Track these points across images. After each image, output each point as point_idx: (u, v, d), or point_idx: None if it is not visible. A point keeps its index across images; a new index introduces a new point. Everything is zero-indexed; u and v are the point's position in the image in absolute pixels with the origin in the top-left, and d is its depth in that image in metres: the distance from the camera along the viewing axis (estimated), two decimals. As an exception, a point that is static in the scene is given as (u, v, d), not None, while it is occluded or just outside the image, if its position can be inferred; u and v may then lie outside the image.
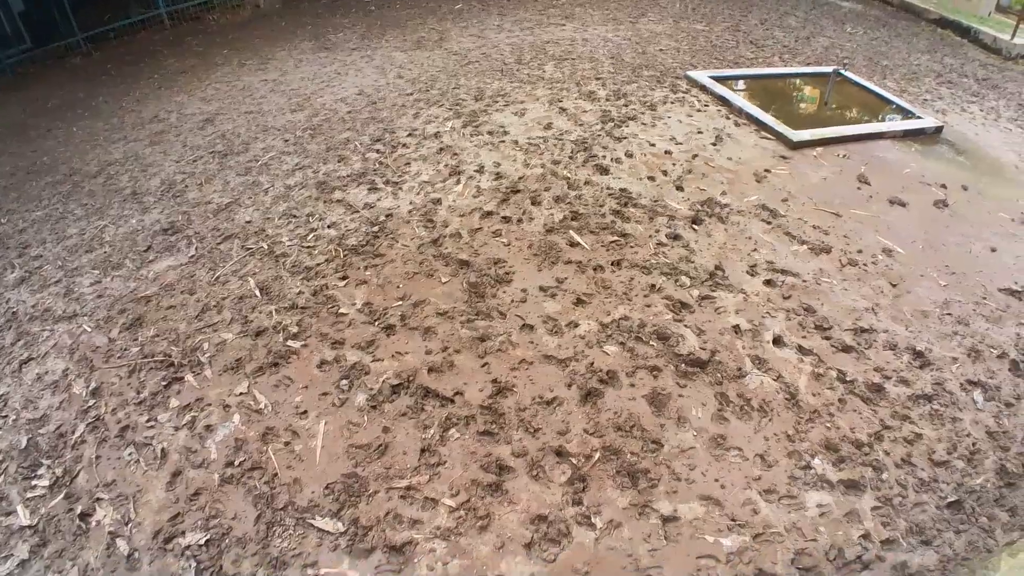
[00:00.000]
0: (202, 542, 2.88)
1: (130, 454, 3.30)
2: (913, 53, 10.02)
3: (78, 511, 3.09)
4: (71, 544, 2.99)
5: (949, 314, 4.13)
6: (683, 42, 9.06)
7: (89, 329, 4.16)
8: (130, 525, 3.01)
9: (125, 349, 3.93)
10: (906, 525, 2.96)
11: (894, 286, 4.35)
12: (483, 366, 3.48)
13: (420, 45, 9.04)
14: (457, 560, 2.76)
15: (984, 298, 4.30)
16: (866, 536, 2.88)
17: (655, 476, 3.02)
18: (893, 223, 5.06)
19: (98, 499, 3.14)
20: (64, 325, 4.27)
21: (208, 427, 3.35)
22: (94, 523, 3.05)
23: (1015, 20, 11.67)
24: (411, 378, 3.41)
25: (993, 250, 4.83)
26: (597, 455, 3.09)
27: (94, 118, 7.65)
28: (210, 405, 3.45)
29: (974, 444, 3.30)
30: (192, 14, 11.36)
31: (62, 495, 3.20)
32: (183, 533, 2.93)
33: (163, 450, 3.27)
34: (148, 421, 3.43)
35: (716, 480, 3.05)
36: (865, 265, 4.51)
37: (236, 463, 3.16)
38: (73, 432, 3.48)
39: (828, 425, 3.33)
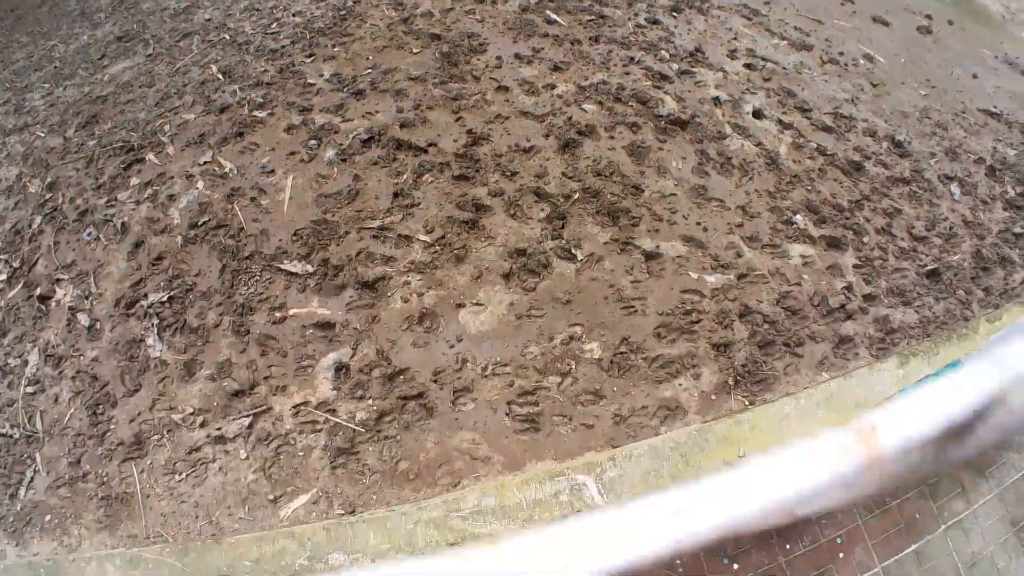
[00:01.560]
0: (164, 299, 2.80)
1: (89, 233, 3.17)
2: None
3: (37, 295, 3.02)
4: (31, 328, 2.94)
5: (929, 118, 4.07)
6: None
7: (43, 135, 3.98)
8: (91, 299, 2.93)
9: (81, 144, 3.74)
10: (887, 285, 2.95)
11: (874, 86, 4.26)
12: (457, 120, 3.34)
13: None
14: (433, 291, 2.70)
15: (963, 112, 4.25)
16: (849, 288, 2.87)
17: (636, 216, 2.96)
18: (875, 37, 4.93)
19: (57, 280, 3.06)
20: (16, 136, 4.09)
21: (171, 196, 3.20)
22: (53, 304, 2.99)
23: None
24: (382, 132, 3.26)
25: (975, 76, 4.76)
26: (576, 195, 3.01)
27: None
28: (173, 178, 3.29)
29: (951, 228, 3.29)
30: None
31: (20, 285, 3.12)
32: (145, 296, 2.84)
33: (123, 224, 3.14)
34: (108, 202, 3.29)
35: (698, 224, 3.00)
36: (846, 65, 4.40)
37: (200, 224, 3.03)
38: (30, 226, 3.35)
39: (809, 189, 3.28)
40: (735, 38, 4.31)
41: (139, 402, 2.59)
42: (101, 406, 2.62)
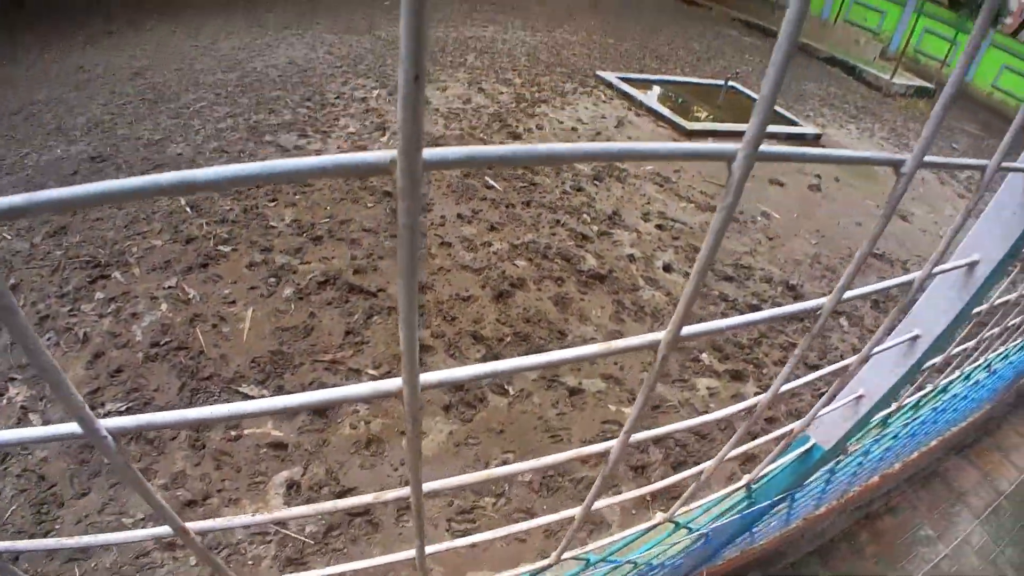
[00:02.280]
0: (121, 409, 3.00)
1: (49, 338, 3.36)
2: (803, 81, 11.07)
3: (-12, 392, 3.12)
4: (-22, 423, 3.03)
5: (819, 263, 4.78)
6: (594, 50, 9.77)
7: (9, 237, 4.15)
8: (44, 400, 3.07)
9: (48, 252, 3.96)
10: (786, 408, 3.48)
11: (771, 239, 4.97)
12: (406, 269, 3.79)
13: (350, 30, 9.32)
14: (380, 419, 3.05)
15: (849, 256, 4.98)
16: (751, 412, 3.35)
17: (559, 358, 3.41)
18: (772, 197, 5.74)
19: (11, 379, 3.17)
20: (-20, 237, 4.26)
21: (135, 314, 3.46)
22: (4, 401, 3.07)
23: (894, 63, 13.15)
24: (337, 276, 3.68)
25: (859, 224, 5.59)
26: (508, 339, 3.45)
27: (13, 65, 7.49)
28: (137, 297, 3.56)
29: (841, 356, 3.88)
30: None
31: (-29, 383, 3.25)
32: (102, 404, 3.03)
33: (85, 335, 3.34)
34: (71, 311, 3.49)
35: (616, 363, 3.47)
36: (746, 223, 5.13)
37: (162, 343, 3.29)
38: (-14, 324, 3.52)
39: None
40: (648, 202, 5.01)
41: (88, 504, 2.69)
42: (47, 505, 2.70)
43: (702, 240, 3.53)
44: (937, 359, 1.19)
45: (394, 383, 0.41)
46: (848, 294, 0.67)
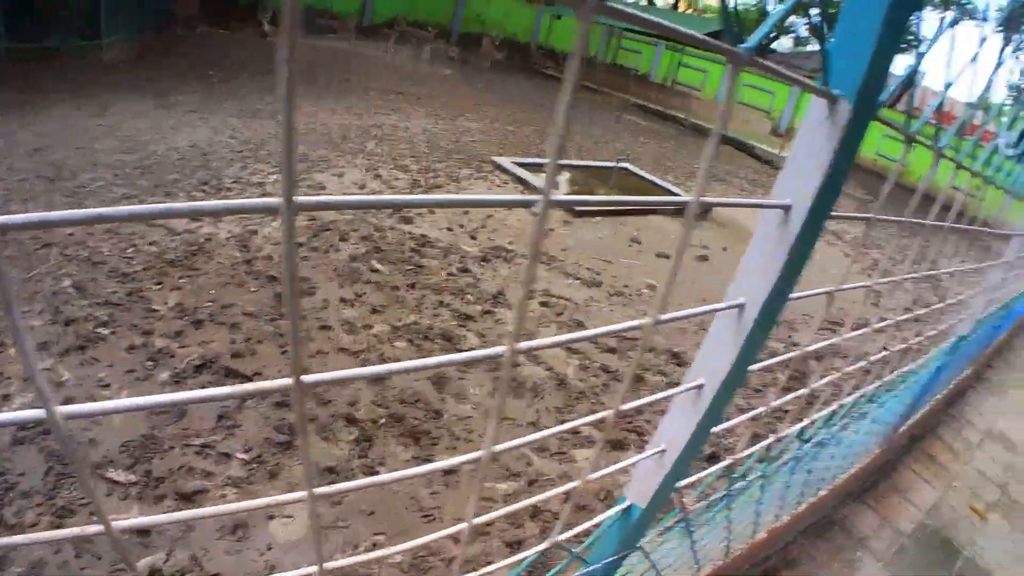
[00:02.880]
0: None
1: None
2: (695, 159, 11.88)
3: None
4: None
5: (704, 329, 5.07)
6: (494, 137, 10.27)
7: None
8: None
9: None
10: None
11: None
12: (283, 354, 3.89)
13: (256, 115, 9.51)
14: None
15: None
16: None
17: (436, 436, 3.54)
18: (659, 269, 6.13)
19: None
20: None
21: (6, 396, 3.39)
22: None
23: (783, 140, 14.40)
24: (214, 360, 3.75)
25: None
26: (383, 420, 3.57)
27: None
28: (10, 379, 3.50)
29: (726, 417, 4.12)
30: (37, 54, 10.94)
31: None
32: None
33: None
34: None
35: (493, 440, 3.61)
36: (631, 296, 5.46)
37: (30, 427, 3.25)
38: None
39: (594, 402, 4.03)
40: (533, 281, 5.25)
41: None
42: None
43: (585, 315, 3.78)
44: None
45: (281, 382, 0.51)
46: (665, 316, 0.79)
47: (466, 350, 4.19)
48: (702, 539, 2.02)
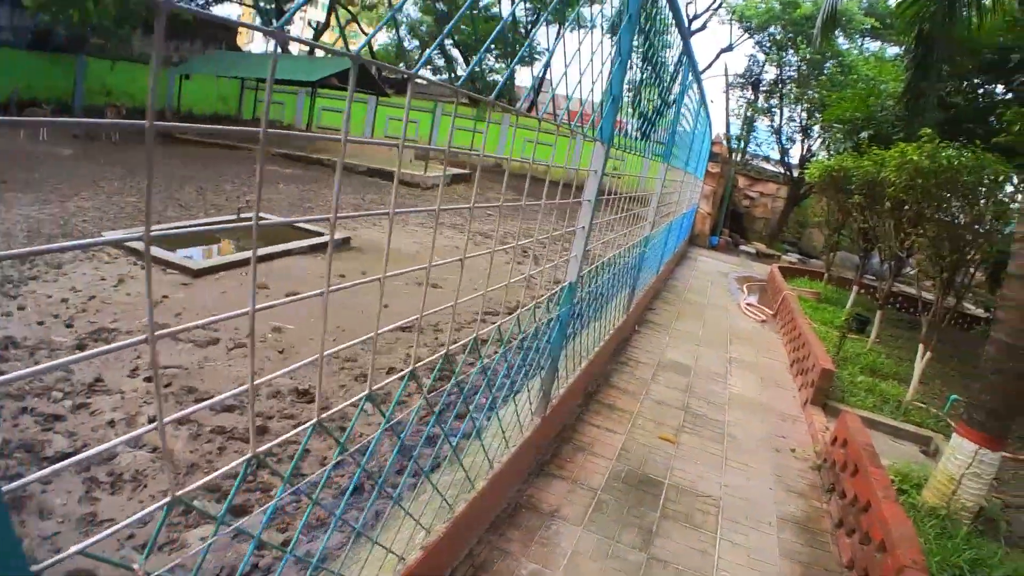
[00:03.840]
0: None
1: None
2: (341, 195, 11.89)
3: None
4: None
5: (338, 356, 4.97)
6: (110, 212, 9.31)
7: None
8: None
9: None
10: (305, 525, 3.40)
11: (281, 352, 5.10)
12: None
13: None
14: None
15: (368, 332, 5.28)
16: (261, 546, 3.12)
17: None
18: (285, 310, 5.89)
19: None
20: None
21: None
22: None
23: (424, 163, 15.37)
24: None
25: (386, 306, 5.99)
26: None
27: None
28: None
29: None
30: None
31: None
32: None
33: None
34: None
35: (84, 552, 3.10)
36: (259, 341, 5.17)
37: None
38: None
39: (207, 471, 3.66)
40: (139, 356, 4.76)
41: None
42: None
43: (199, 378, 3.39)
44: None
45: None
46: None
47: (51, 455, 3.62)
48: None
